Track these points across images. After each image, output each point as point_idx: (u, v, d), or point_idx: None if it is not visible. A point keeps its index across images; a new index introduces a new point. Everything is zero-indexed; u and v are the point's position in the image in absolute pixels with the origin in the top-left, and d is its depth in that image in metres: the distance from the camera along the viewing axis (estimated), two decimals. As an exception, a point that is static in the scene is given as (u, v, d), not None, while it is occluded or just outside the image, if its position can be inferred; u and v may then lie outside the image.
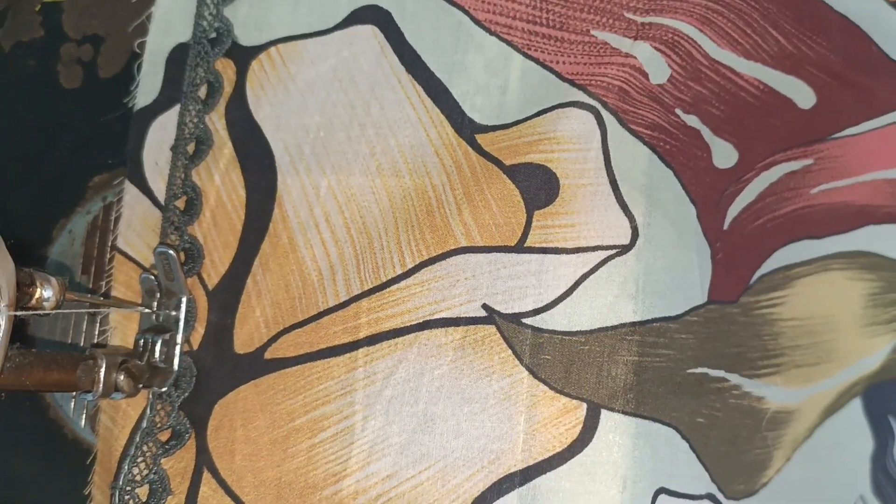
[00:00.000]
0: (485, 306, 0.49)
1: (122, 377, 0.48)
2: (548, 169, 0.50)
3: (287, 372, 0.51)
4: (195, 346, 0.53)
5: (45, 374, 0.45)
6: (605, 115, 0.50)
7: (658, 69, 0.51)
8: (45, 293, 0.45)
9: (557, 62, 0.51)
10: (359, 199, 0.52)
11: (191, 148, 0.54)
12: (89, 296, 0.54)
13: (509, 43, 0.52)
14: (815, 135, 0.53)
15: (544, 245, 0.50)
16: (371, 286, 0.51)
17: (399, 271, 0.50)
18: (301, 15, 0.54)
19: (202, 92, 0.54)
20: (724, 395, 0.51)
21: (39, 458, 0.53)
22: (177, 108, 0.54)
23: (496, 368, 0.49)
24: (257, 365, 0.52)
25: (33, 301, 0.44)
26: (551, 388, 0.49)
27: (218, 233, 0.53)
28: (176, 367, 0.51)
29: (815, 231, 0.54)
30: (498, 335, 0.49)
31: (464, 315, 0.49)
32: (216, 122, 0.54)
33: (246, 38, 0.54)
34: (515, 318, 0.49)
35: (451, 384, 0.49)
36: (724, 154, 0.53)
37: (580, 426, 0.49)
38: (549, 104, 0.51)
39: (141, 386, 0.49)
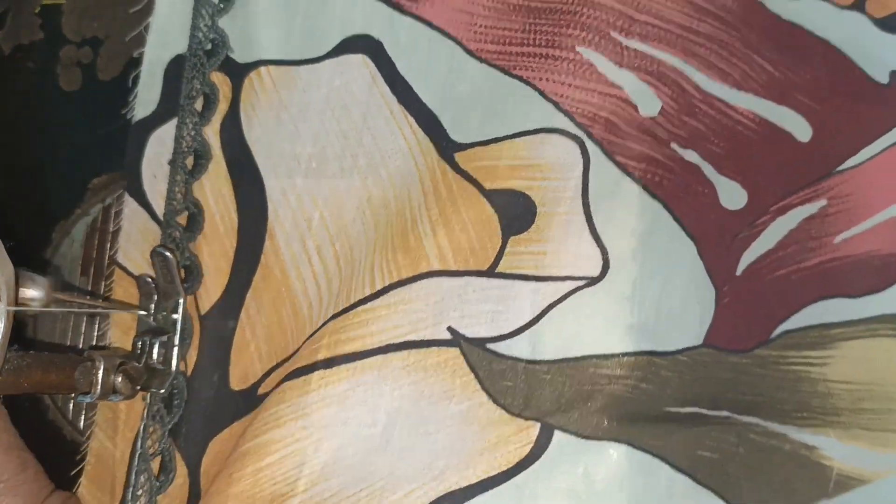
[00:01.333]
0: (450, 329, 0.49)
1: (119, 379, 0.49)
2: (528, 197, 0.50)
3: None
4: (189, 371, 0.53)
5: (44, 376, 0.46)
6: (590, 145, 0.50)
7: (647, 101, 0.51)
8: (32, 293, 0.46)
9: (541, 79, 0.51)
10: (349, 231, 0.52)
11: (189, 162, 0.54)
12: (88, 297, 0.55)
13: (497, 67, 0.52)
14: (820, 170, 0.52)
15: (514, 271, 0.50)
16: (342, 308, 0.50)
17: (368, 293, 0.50)
18: (294, 37, 0.54)
19: (198, 104, 0.55)
20: (739, 430, 0.50)
21: (38, 458, 0.53)
22: (174, 122, 0.54)
23: (456, 392, 0.49)
24: (251, 401, 0.52)
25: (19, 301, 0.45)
26: (509, 412, 0.49)
27: (210, 255, 0.54)
28: (174, 368, 0.52)
29: (849, 289, 0.52)
30: (461, 359, 0.49)
31: (428, 338, 0.49)
32: (211, 137, 0.54)
33: (241, 54, 0.55)
34: (480, 342, 0.49)
35: (410, 406, 0.49)
36: (731, 194, 0.52)
37: (530, 445, 0.48)
38: (532, 126, 0.50)
39: (139, 388, 0.51)
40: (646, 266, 0.50)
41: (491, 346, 0.49)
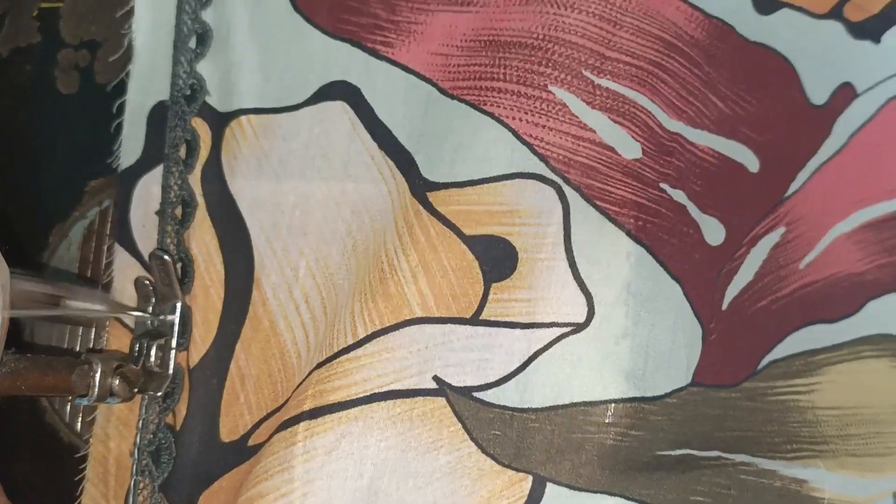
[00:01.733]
0: (436, 378, 0.49)
1: (117, 382, 0.49)
2: (508, 242, 0.50)
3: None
4: (178, 425, 0.53)
5: (41, 379, 0.46)
6: (568, 190, 0.50)
7: (624, 143, 0.50)
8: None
9: (514, 118, 0.50)
10: (335, 279, 0.52)
11: (178, 212, 0.54)
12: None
13: (468, 103, 0.51)
14: (773, 198, 0.52)
15: (499, 319, 0.49)
16: (325, 357, 0.50)
17: (350, 341, 0.50)
18: (272, 84, 0.54)
19: (182, 151, 0.54)
20: (729, 471, 0.50)
21: (35, 461, 0.55)
22: (159, 168, 0.54)
23: (444, 442, 0.49)
24: (241, 453, 0.52)
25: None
26: (499, 463, 0.48)
27: (197, 307, 0.53)
28: (171, 371, 0.52)
29: (825, 314, 0.52)
30: (448, 408, 0.49)
31: (414, 387, 0.49)
32: (193, 185, 0.54)
33: (220, 103, 0.54)
34: (466, 391, 0.49)
35: (396, 457, 0.48)
36: (713, 230, 0.52)
37: (524, 500, 0.48)
38: (507, 170, 0.50)
39: (136, 391, 0.51)
40: (633, 311, 0.50)
41: (478, 394, 0.49)
